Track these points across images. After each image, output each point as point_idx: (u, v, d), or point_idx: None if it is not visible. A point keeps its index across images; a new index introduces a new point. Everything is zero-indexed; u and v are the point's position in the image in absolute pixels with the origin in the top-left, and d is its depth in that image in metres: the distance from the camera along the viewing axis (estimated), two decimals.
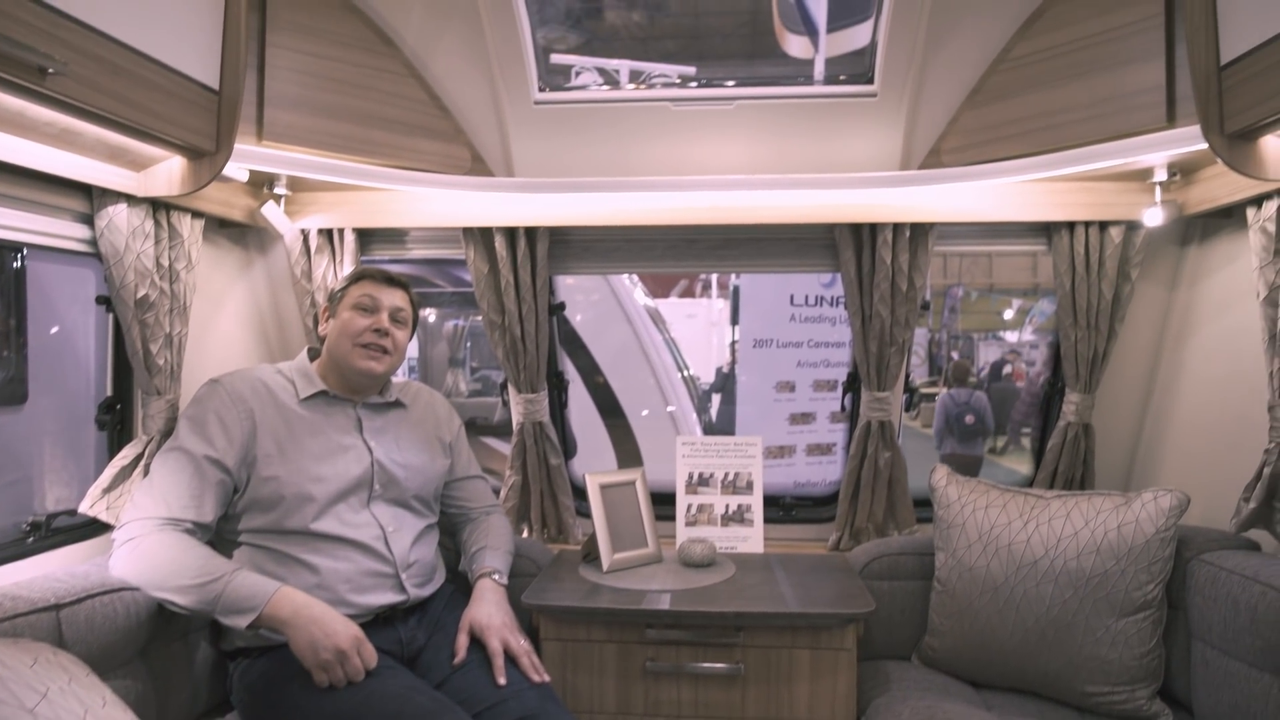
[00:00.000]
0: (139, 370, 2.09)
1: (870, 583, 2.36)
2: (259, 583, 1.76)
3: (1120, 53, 2.02)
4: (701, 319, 11.33)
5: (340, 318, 2.07)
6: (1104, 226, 2.43)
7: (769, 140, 2.46)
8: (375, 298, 2.08)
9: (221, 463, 1.88)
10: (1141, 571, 2.05)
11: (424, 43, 2.36)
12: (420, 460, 2.15)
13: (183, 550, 1.78)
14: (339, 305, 2.10)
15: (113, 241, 1.99)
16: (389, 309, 2.09)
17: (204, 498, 1.86)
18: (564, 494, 2.78)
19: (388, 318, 2.08)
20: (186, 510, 1.84)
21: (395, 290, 2.12)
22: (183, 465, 1.87)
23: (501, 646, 1.92)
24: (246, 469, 1.91)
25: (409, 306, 2.16)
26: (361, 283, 2.10)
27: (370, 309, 2.07)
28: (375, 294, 2.08)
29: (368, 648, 1.75)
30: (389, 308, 2.09)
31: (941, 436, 7.64)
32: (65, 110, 1.57)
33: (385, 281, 2.12)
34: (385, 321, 2.07)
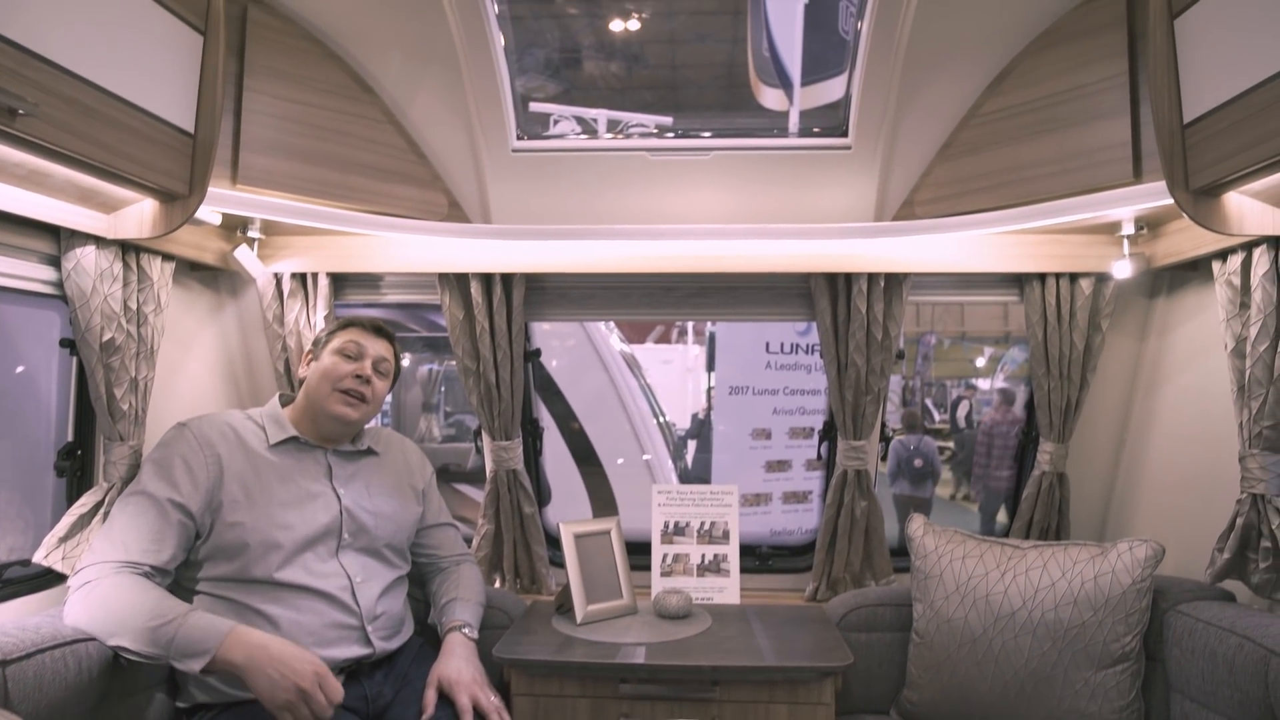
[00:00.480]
0: (102, 415, 2.04)
1: (848, 634, 2.33)
2: (212, 623, 1.69)
3: (1087, 110, 2.07)
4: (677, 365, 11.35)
5: (323, 361, 2.06)
6: (1074, 278, 2.47)
7: (745, 190, 2.49)
8: (361, 345, 2.07)
9: (185, 507, 1.83)
10: (1119, 623, 2.04)
11: (403, 89, 2.37)
12: (391, 508, 2.11)
13: (138, 593, 1.72)
14: (323, 349, 2.09)
15: (80, 284, 1.95)
16: (373, 358, 2.08)
17: (164, 542, 1.81)
18: (537, 543, 2.73)
19: (370, 366, 2.07)
20: (146, 554, 1.78)
21: (381, 341, 2.12)
22: (144, 509, 1.82)
23: (470, 703, 1.87)
24: (211, 514, 1.86)
25: (392, 359, 2.15)
26: (349, 329, 2.10)
27: (355, 356, 2.06)
28: (361, 341, 2.07)
29: (331, 681, 1.68)
30: (373, 357, 2.08)
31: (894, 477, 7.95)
32: (35, 151, 1.55)
33: (373, 331, 2.12)
34: (368, 369, 2.06)
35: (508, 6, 2.32)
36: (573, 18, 6.53)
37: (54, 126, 1.52)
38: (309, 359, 2.12)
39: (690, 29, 8.44)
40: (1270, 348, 1.95)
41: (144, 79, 1.75)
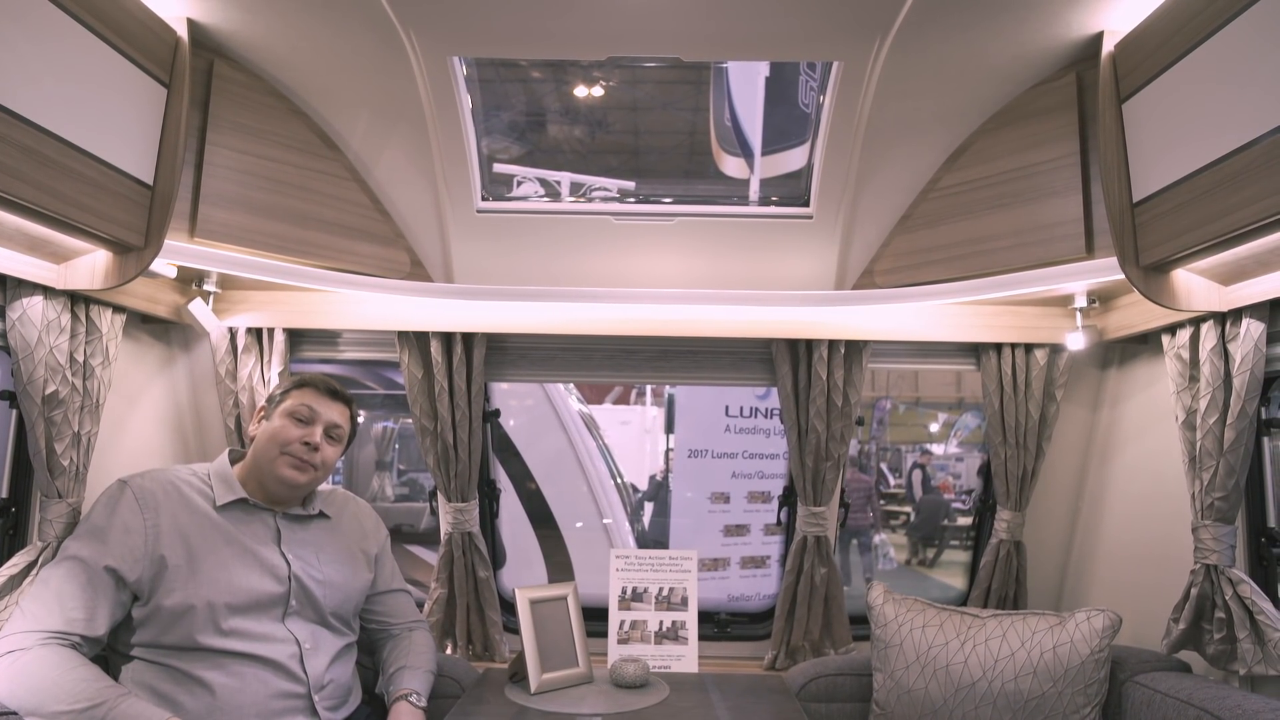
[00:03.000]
0: (40, 471, 1.96)
1: (808, 705, 2.29)
2: (145, 711, 1.61)
3: (1040, 187, 2.14)
4: (635, 425, 11.30)
5: (273, 423, 1.98)
6: (1029, 349, 2.52)
7: (708, 256, 2.51)
8: (314, 410, 1.99)
9: (119, 572, 1.75)
10: (1078, 694, 2.03)
11: (369, 147, 2.37)
12: (341, 576, 2.03)
13: (63, 670, 1.62)
14: (274, 408, 2.01)
15: (24, 334, 1.89)
16: (325, 424, 2.01)
17: (97, 610, 1.72)
18: (492, 609, 2.66)
19: (321, 433, 1.99)
20: (74, 623, 1.69)
21: (336, 404, 2.04)
22: (75, 573, 1.73)
23: None
24: (150, 579, 1.77)
25: (347, 423, 2.08)
26: (303, 390, 2.02)
27: (306, 420, 1.98)
28: (315, 406, 2.00)
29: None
30: (325, 422, 2.01)
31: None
32: None
33: (328, 393, 2.04)
34: (317, 436, 1.98)
35: (475, 70, 2.35)
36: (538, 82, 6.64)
37: (7, 174, 1.49)
38: (260, 417, 2.05)
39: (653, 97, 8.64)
40: (1219, 420, 1.99)
41: (104, 130, 1.73)
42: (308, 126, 2.30)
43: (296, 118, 2.28)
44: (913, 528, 12.70)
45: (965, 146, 2.29)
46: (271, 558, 1.92)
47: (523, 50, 2.16)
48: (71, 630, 1.68)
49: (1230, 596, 1.98)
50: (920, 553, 12.06)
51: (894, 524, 14.16)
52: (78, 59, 1.65)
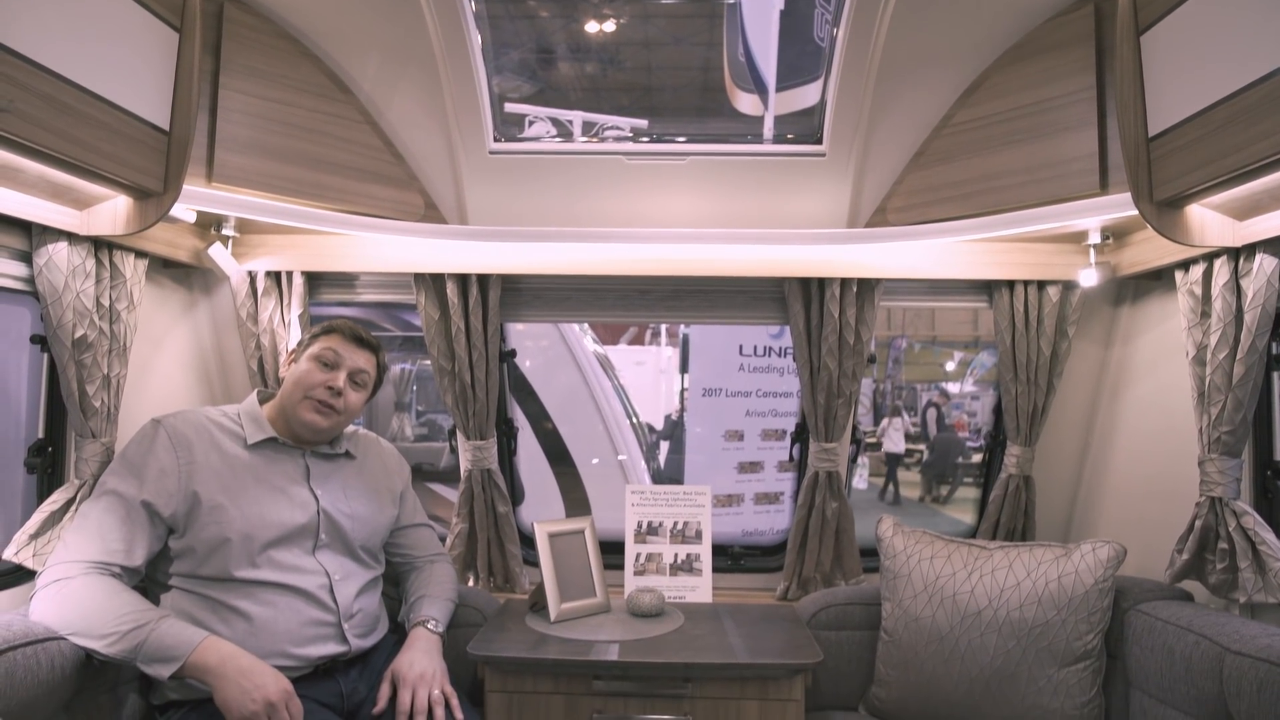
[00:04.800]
0: (74, 412, 2.02)
1: (818, 633, 2.36)
2: (184, 631, 1.70)
3: (1055, 122, 2.12)
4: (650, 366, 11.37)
5: (300, 365, 2.03)
6: (1042, 286, 2.52)
7: (721, 195, 2.52)
8: (339, 355, 2.03)
9: (154, 506, 1.82)
10: (1081, 622, 2.09)
11: (380, 90, 2.37)
12: (367, 511, 2.11)
13: (107, 595, 1.71)
14: (302, 352, 2.06)
15: (51, 280, 1.93)
16: (350, 369, 2.04)
17: (135, 541, 1.80)
18: (511, 542, 2.74)
19: (345, 378, 2.03)
20: (115, 554, 1.78)
21: (362, 352, 2.08)
22: (114, 507, 1.81)
23: (410, 701, 1.87)
24: (185, 513, 1.85)
25: (373, 370, 2.11)
26: (331, 336, 2.06)
27: (331, 364, 2.02)
28: (340, 351, 2.03)
29: (296, 703, 1.69)
30: (350, 368, 2.04)
31: None
32: (9, 148, 1.54)
33: (354, 340, 2.07)
34: (341, 381, 2.02)
35: (485, 6, 2.33)
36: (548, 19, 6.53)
37: (29, 123, 1.52)
38: (290, 360, 2.09)
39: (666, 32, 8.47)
40: (1229, 356, 2.01)
41: (120, 76, 1.75)
42: (319, 69, 2.30)
43: (307, 60, 2.28)
44: (926, 465, 12.80)
45: (980, 81, 2.27)
46: (301, 494, 1.99)
47: None
48: (112, 560, 1.77)
49: (1234, 528, 2.02)
50: (934, 490, 12.19)
51: (908, 462, 14.28)
52: (91, 5, 1.66)
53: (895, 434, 12.56)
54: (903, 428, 13.19)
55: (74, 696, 1.72)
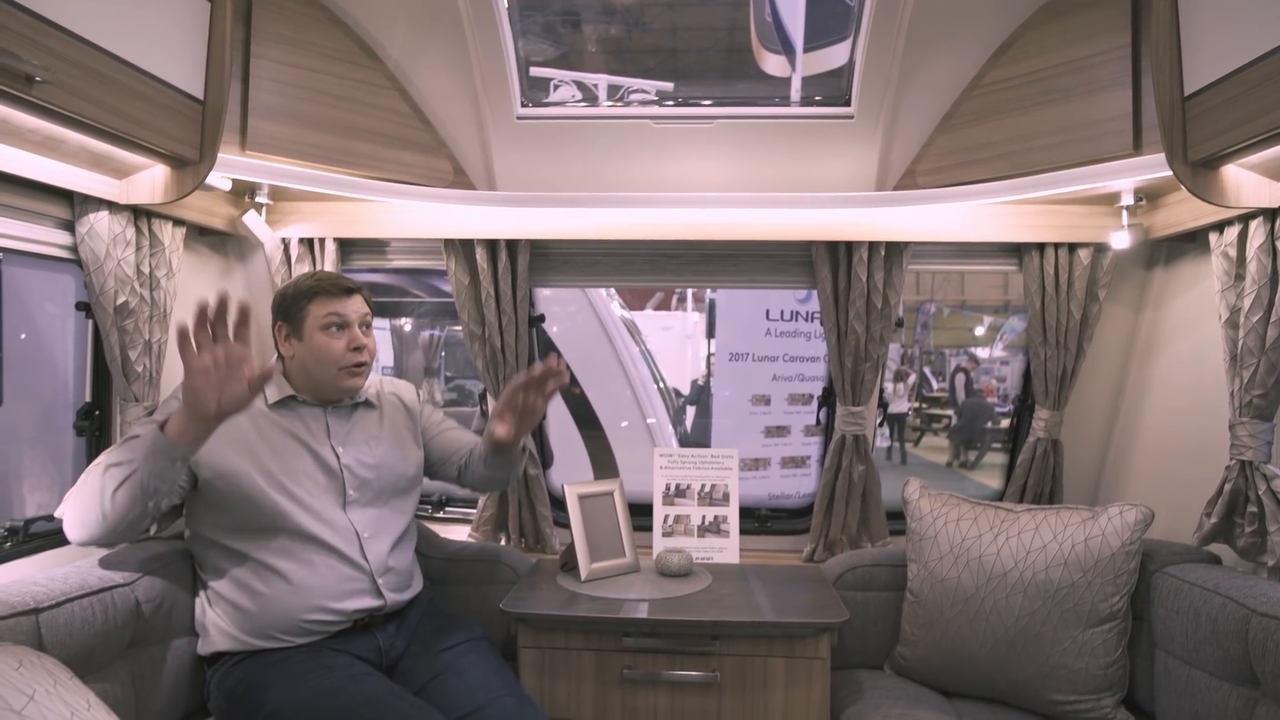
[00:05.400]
0: (117, 377, 2.09)
1: (844, 593, 2.39)
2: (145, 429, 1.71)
3: (1088, 81, 2.09)
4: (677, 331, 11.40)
5: (312, 342, 2.01)
6: (1073, 248, 2.50)
7: (747, 159, 2.51)
8: (342, 314, 2.01)
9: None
10: (1107, 584, 2.10)
11: (408, 56, 2.38)
12: (393, 457, 2.14)
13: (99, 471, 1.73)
14: (302, 327, 2.02)
15: (93, 248, 1.98)
16: (357, 319, 2.04)
17: None
18: (542, 504, 2.79)
19: (358, 329, 2.04)
20: None
21: (355, 298, 2.06)
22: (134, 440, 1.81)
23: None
24: (209, 465, 1.88)
25: (368, 307, 2.10)
26: (320, 299, 2.01)
27: (341, 325, 2.02)
28: (341, 310, 2.01)
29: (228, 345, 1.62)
30: (357, 319, 2.04)
31: None
32: (51, 118, 1.58)
33: (343, 293, 2.04)
34: (360, 336, 2.03)
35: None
36: None
37: (69, 93, 1.55)
38: (285, 335, 2.05)
39: None
40: (1263, 319, 1.99)
41: (155, 46, 1.77)
42: (347, 35, 2.31)
43: (335, 27, 2.29)
44: (954, 431, 12.76)
45: (1012, 40, 2.23)
46: (323, 451, 2.03)
47: None
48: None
49: (1264, 491, 2.01)
50: (961, 455, 12.15)
51: (935, 427, 14.24)
52: None
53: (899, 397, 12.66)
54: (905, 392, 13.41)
55: (128, 647, 1.80)
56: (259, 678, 1.83)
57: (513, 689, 1.94)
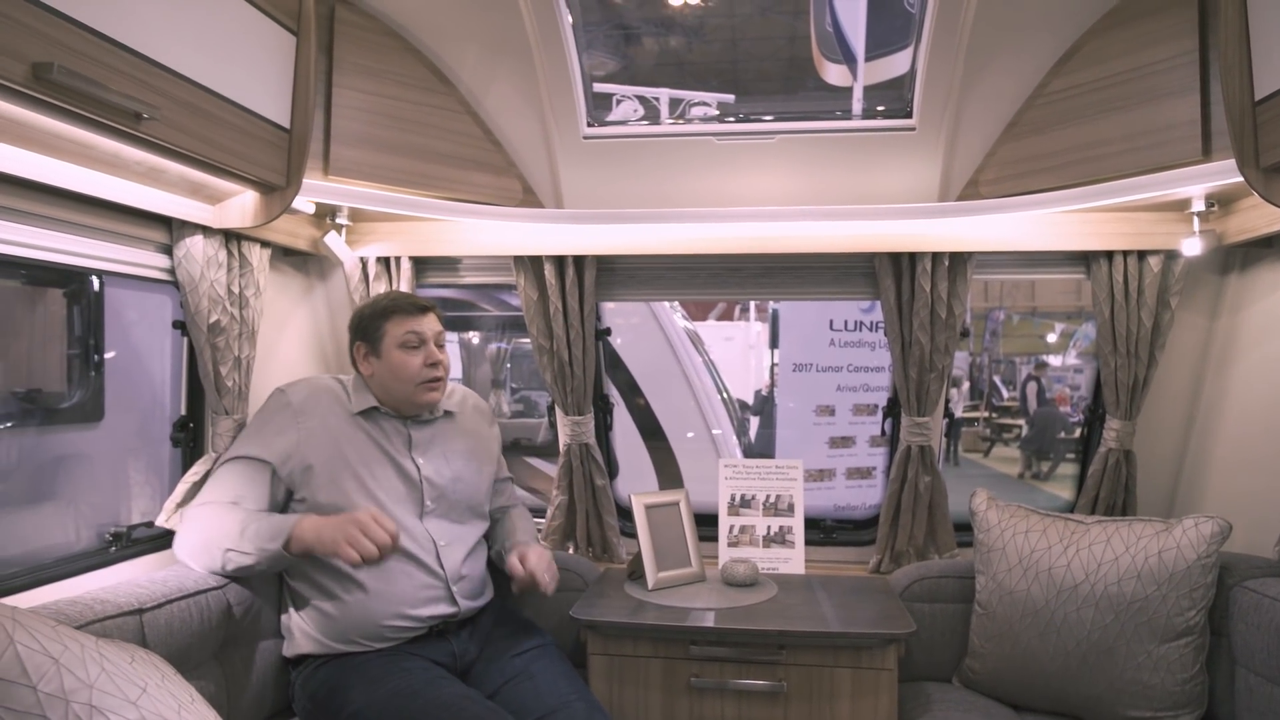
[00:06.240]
0: (210, 391, 2.21)
1: (911, 605, 2.39)
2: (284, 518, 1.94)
3: (1155, 88, 2.06)
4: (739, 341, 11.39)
5: (390, 360, 2.13)
6: (1143, 255, 2.46)
7: (810, 172, 2.54)
8: (418, 332, 2.14)
9: (273, 466, 2.03)
10: (1183, 597, 2.06)
11: (479, 81, 2.48)
12: (469, 471, 2.24)
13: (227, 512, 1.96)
14: (380, 345, 2.14)
15: (189, 270, 2.11)
16: (432, 338, 2.16)
17: (256, 486, 2.02)
18: (609, 514, 2.85)
19: (434, 347, 2.16)
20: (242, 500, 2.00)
21: (428, 316, 2.18)
22: (239, 468, 2.04)
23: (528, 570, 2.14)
24: (300, 474, 2.04)
25: (441, 324, 2.23)
26: (396, 319, 2.14)
27: (417, 345, 2.13)
28: (417, 328, 2.14)
29: (385, 518, 1.86)
30: (432, 337, 2.16)
31: None
32: (155, 151, 1.69)
33: (419, 311, 2.16)
34: (435, 353, 2.15)
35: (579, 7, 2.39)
36: None
37: (172, 128, 1.66)
38: (364, 354, 2.18)
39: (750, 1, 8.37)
40: None
41: (246, 79, 1.89)
42: (422, 63, 2.42)
43: (411, 55, 2.40)
44: (1025, 441, 12.44)
45: (1075, 49, 2.22)
46: (404, 462, 2.14)
47: None
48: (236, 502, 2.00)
49: None
50: (1034, 466, 11.84)
51: (1006, 438, 13.90)
52: (219, 16, 1.80)
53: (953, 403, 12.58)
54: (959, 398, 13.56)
55: (220, 647, 1.91)
56: (341, 680, 1.92)
57: (583, 695, 1.99)
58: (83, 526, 2.11)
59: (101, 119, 1.49)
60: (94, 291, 2.17)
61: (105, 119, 1.50)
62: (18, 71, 1.30)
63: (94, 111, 1.46)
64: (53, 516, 2.10)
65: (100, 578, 1.95)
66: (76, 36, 1.41)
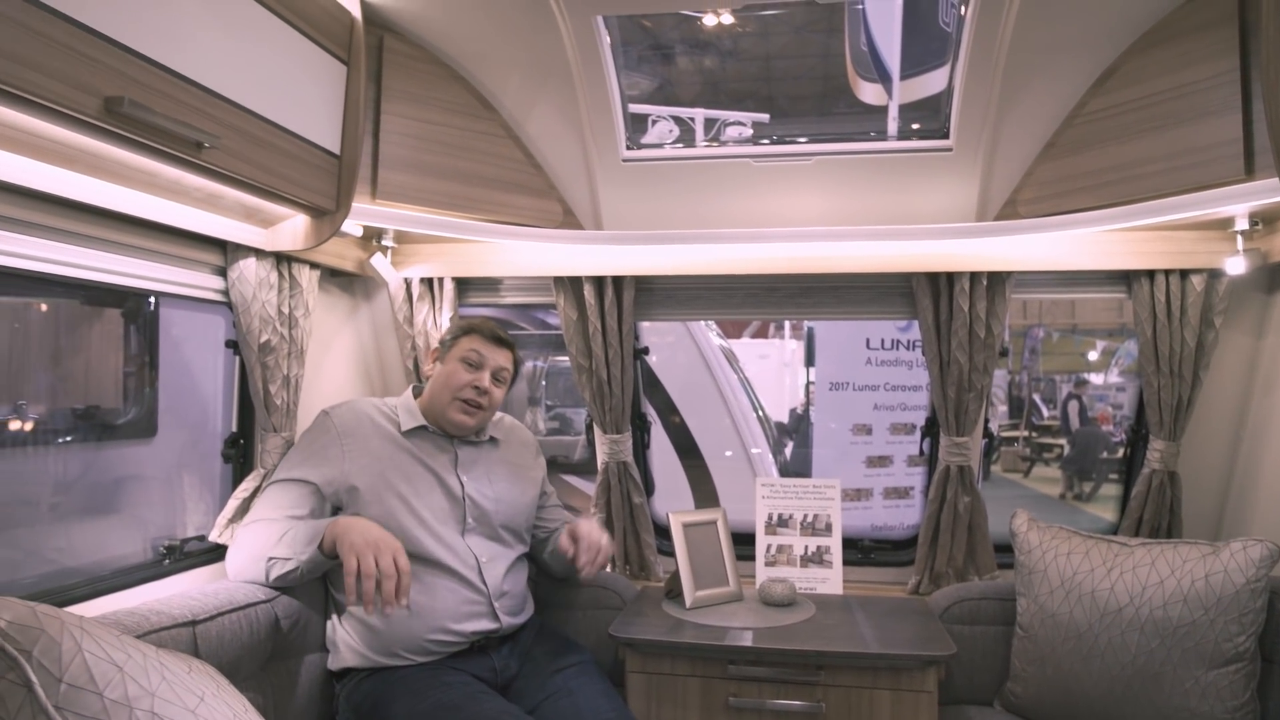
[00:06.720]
0: (260, 409, 2.27)
1: (951, 626, 2.38)
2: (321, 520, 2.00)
3: (1196, 107, 2.06)
4: (774, 359, 11.36)
5: (446, 367, 2.22)
6: (1185, 274, 2.44)
7: (846, 193, 2.56)
8: (482, 355, 2.21)
9: (318, 486, 2.08)
10: (1232, 623, 2.03)
11: (521, 106, 2.53)
12: (511, 494, 2.28)
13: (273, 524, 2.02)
14: (447, 353, 2.24)
15: (242, 291, 2.18)
16: (493, 368, 2.22)
17: (302, 507, 2.07)
18: (646, 532, 2.87)
19: (489, 377, 2.21)
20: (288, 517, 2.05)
21: (502, 350, 2.25)
22: (287, 488, 2.09)
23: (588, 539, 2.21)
24: (346, 492, 2.09)
25: (511, 366, 2.29)
26: (472, 336, 2.24)
27: (475, 365, 2.20)
28: (483, 351, 2.22)
29: (403, 556, 1.87)
30: (493, 367, 2.22)
31: None
32: (214, 178, 1.76)
33: (494, 340, 2.25)
34: (486, 381, 2.20)
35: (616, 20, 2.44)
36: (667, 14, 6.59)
37: (230, 156, 1.73)
38: (434, 357, 2.29)
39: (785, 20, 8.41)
40: None
41: (300, 108, 1.95)
42: (466, 90, 2.48)
43: (456, 82, 2.46)
44: (1067, 461, 12.23)
45: (1114, 68, 2.22)
46: (449, 479, 2.19)
47: (663, 4, 2.26)
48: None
49: None
50: (1075, 486, 11.64)
51: (1047, 457, 13.68)
52: (274, 47, 1.86)
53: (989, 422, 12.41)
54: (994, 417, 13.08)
55: (268, 660, 1.96)
56: (385, 693, 1.96)
57: (621, 712, 2.01)
58: (137, 539, 2.18)
59: (166, 148, 1.56)
60: (149, 311, 2.25)
61: (170, 148, 1.57)
62: (91, 105, 1.37)
63: (160, 141, 1.53)
64: (109, 529, 2.18)
65: (154, 589, 2.01)
66: (145, 71, 1.48)
